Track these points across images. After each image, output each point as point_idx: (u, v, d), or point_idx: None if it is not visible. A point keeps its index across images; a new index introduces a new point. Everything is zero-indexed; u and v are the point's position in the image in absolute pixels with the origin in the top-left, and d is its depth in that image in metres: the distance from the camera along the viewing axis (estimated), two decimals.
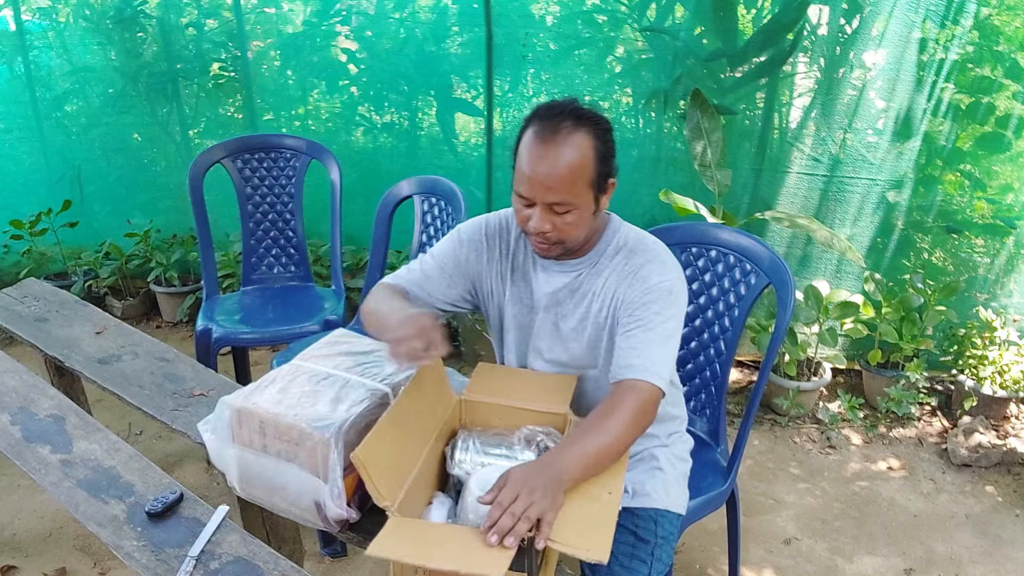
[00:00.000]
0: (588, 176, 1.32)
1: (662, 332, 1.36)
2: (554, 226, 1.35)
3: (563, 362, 1.51)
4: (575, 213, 1.34)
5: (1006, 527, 2.42)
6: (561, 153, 1.30)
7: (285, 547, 1.74)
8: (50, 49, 3.61)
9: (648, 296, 1.39)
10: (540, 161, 1.30)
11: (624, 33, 3.24)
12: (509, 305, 1.54)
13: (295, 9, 3.54)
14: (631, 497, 1.49)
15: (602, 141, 1.34)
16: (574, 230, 1.37)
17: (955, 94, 2.73)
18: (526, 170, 1.32)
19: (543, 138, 1.31)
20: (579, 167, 1.31)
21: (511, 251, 1.53)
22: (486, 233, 1.54)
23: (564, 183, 1.30)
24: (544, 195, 1.32)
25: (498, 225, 1.55)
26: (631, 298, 1.40)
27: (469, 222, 1.57)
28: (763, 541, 2.35)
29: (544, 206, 1.33)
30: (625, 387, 1.32)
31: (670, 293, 1.39)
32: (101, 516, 1.40)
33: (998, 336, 2.85)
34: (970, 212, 2.92)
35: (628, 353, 1.35)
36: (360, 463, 1.11)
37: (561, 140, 1.30)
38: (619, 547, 1.40)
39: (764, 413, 3.02)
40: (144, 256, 3.71)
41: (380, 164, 3.65)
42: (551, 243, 1.38)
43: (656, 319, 1.37)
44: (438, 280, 1.53)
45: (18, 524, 2.38)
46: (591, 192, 1.35)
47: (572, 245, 1.41)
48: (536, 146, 1.31)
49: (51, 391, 1.83)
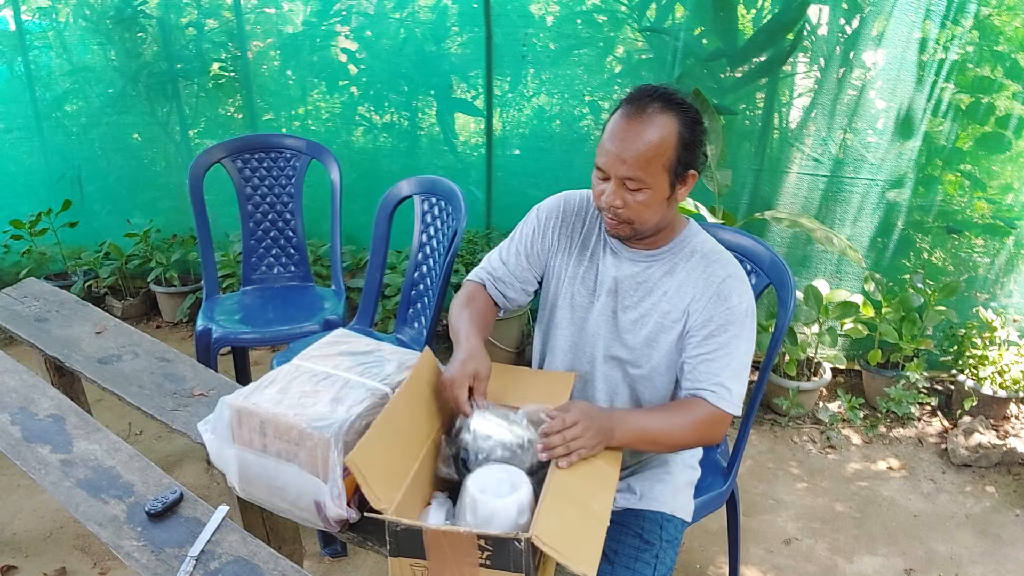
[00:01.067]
0: (665, 159, 1.33)
1: (742, 359, 1.40)
2: (625, 203, 1.36)
3: (621, 358, 1.49)
4: (647, 193, 1.35)
5: (1006, 527, 2.42)
6: (643, 130, 1.32)
7: (285, 547, 1.74)
8: (50, 49, 3.61)
9: (731, 317, 1.40)
10: (621, 135, 1.33)
11: (624, 33, 3.24)
12: (567, 283, 1.54)
13: (295, 9, 3.54)
14: (639, 499, 1.50)
15: (688, 129, 1.35)
16: (644, 210, 1.37)
17: (955, 94, 2.73)
18: (606, 143, 1.35)
19: (629, 115, 1.33)
20: (657, 147, 1.32)
21: (584, 229, 1.55)
22: (564, 208, 1.57)
23: (640, 160, 1.32)
24: (619, 169, 1.33)
25: (578, 202, 1.57)
26: (712, 316, 1.40)
27: (549, 199, 1.60)
28: (763, 541, 2.35)
29: (618, 181, 1.35)
30: (704, 404, 1.38)
31: (747, 316, 1.41)
32: (101, 516, 1.40)
33: (998, 336, 2.85)
34: (970, 212, 2.92)
35: (709, 375, 1.39)
36: (355, 467, 1.11)
37: (646, 119, 1.32)
38: (624, 550, 1.40)
39: (764, 413, 3.02)
40: (144, 256, 3.71)
41: (380, 164, 3.65)
42: (621, 220, 1.39)
43: (735, 343, 1.40)
44: (515, 265, 1.58)
45: (18, 524, 2.38)
46: (667, 176, 1.35)
47: (642, 228, 1.40)
48: (621, 121, 1.34)
49: (51, 391, 1.83)
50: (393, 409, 1.24)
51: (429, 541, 1.10)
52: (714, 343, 1.40)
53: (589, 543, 1.12)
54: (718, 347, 1.39)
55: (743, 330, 1.40)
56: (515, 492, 1.22)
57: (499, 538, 1.07)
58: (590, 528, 1.15)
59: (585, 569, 1.06)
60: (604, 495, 1.22)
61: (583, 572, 1.05)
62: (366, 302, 2.57)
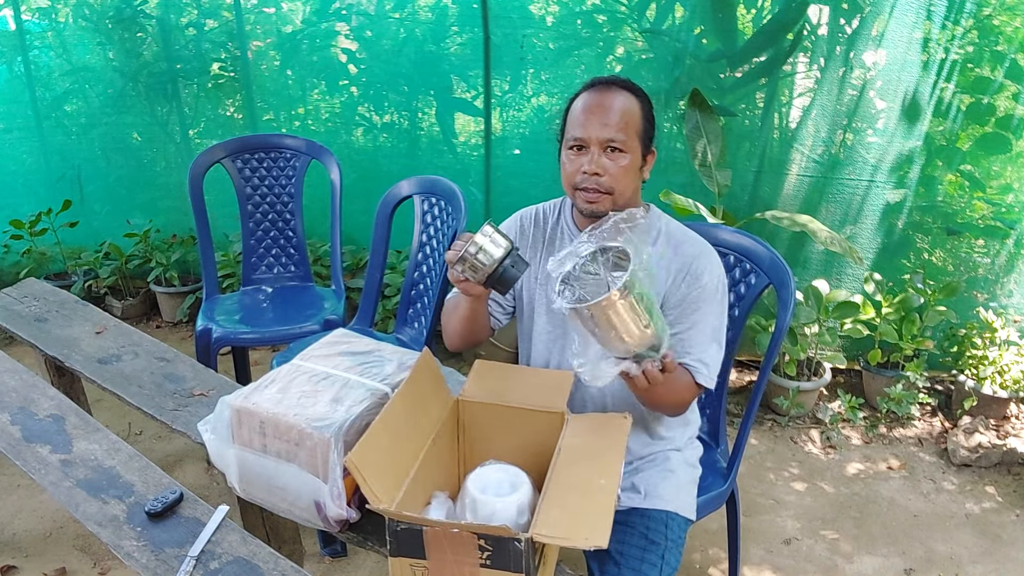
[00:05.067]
0: (638, 126, 1.41)
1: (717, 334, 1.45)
2: (606, 170, 1.40)
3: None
4: (627, 157, 1.41)
5: (1006, 527, 2.42)
6: (616, 98, 1.41)
7: (285, 547, 1.74)
8: (50, 49, 3.62)
9: (703, 294, 1.44)
10: (597, 104, 1.41)
11: (624, 33, 3.24)
12: (539, 288, 1.57)
13: (294, 9, 3.54)
14: (643, 498, 1.50)
15: (646, 110, 1.44)
16: (624, 176, 1.41)
17: (955, 94, 2.73)
18: (581, 117, 1.41)
19: (599, 91, 1.43)
20: (632, 113, 1.41)
21: (547, 234, 1.60)
22: (522, 224, 1.62)
23: (620, 122, 1.39)
24: (601, 132, 1.39)
25: (533, 215, 1.62)
26: (687, 295, 1.45)
27: (507, 220, 1.64)
28: (763, 541, 2.35)
29: (599, 147, 1.40)
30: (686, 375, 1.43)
31: (718, 291, 1.46)
32: (101, 516, 1.40)
33: (998, 336, 2.85)
34: (970, 213, 2.92)
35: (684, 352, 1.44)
36: (354, 467, 1.11)
37: (615, 92, 1.42)
38: (630, 550, 1.41)
39: (764, 413, 3.02)
40: (144, 256, 3.71)
41: (380, 164, 3.65)
42: (602, 191, 1.42)
43: (709, 320, 1.45)
44: None
45: (18, 524, 2.38)
46: (639, 144, 1.42)
47: (619, 201, 1.44)
48: (594, 95, 1.42)
49: (51, 391, 1.83)
50: (393, 409, 1.24)
51: (429, 541, 1.09)
52: (688, 321, 1.45)
53: (596, 518, 1.10)
54: (692, 325, 1.45)
55: (715, 304, 1.46)
56: (515, 492, 1.23)
57: (499, 538, 1.06)
58: (596, 503, 1.14)
59: (593, 543, 1.05)
60: (611, 469, 1.21)
61: (592, 546, 1.05)
62: (366, 302, 2.57)
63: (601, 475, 1.20)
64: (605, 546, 1.05)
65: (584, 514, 1.12)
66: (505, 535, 1.05)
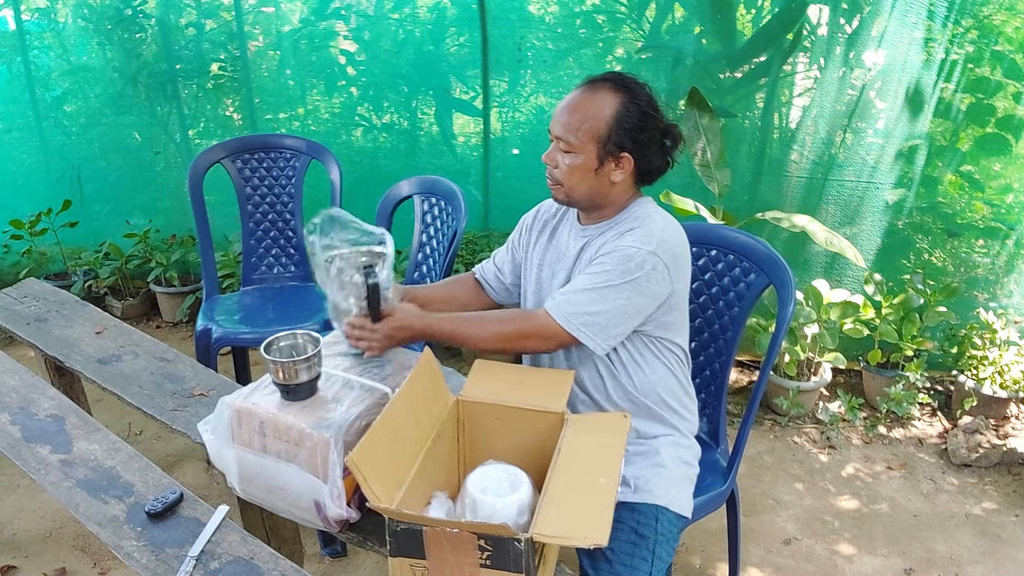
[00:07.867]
0: (594, 130, 1.42)
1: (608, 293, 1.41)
2: (556, 163, 1.46)
3: None
4: (572, 157, 1.44)
5: (1006, 527, 2.42)
6: (583, 99, 1.43)
7: (285, 547, 1.74)
8: (49, 49, 3.62)
9: (616, 251, 1.43)
10: (567, 101, 1.45)
11: (623, 33, 3.24)
12: (535, 270, 1.64)
13: (293, 8, 3.54)
14: (633, 492, 1.50)
15: (628, 111, 1.42)
16: (571, 174, 1.45)
17: (955, 94, 2.73)
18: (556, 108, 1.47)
19: (579, 88, 1.46)
20: (590, 116, 1.41)
21: (554, 222, 1.66)
22: (537, 212, 1.71)
23: (569, 124, 1.42)
24: (554, 127, 1.46)
25: (548, 205, 1.70)
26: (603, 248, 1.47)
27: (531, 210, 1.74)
28: (763, 541, 2.35)
29: (555, 141, 1.47)
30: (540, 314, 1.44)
31: (629, 259, 1.41)
32: (101, 516, 1.40)
33: (998, 336, 2.85)
34: (970, 213, 2.92)
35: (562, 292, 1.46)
36: (355, 466, 1.11)
37: (591, 91, 1.43)
38: (620, 545, 1.40)
39: (764, 413, 3.02)
40: (144, 256, 3.71)
41: (380, 164, 3.65)
42: (554, 181, 1.49)
43: (607, 276, 1.42)
44: (502, 257, 1.75)
45: (18, 524, 2.38)
46: (594, 147, 1.43)
47: (573, 195, 1.49)
48: (572, 92, 1.47)
49: (51, 391, 1.83)
50: (393, 409, 1.24)
51: (429, 541, 1.10)
52: (590, 269, 1.46)
53: (596, 516, 1.11)
54: (591, 274, 1.44)
55: (625, 272, 1.40)
56: (515, 492, 1.23)
57: (499, 538, 1.06)
58: (595, 501, 1.14)
59: (593, 542, 1.05)
60: (611, 467, 1.22)
61: (592, 545, 1.05)
62: None
63: (601, 474, 1.20)
64: (605, 544, 1.05)
65: (584, 513, 1.12)
66: (505, 535, 1.05)
